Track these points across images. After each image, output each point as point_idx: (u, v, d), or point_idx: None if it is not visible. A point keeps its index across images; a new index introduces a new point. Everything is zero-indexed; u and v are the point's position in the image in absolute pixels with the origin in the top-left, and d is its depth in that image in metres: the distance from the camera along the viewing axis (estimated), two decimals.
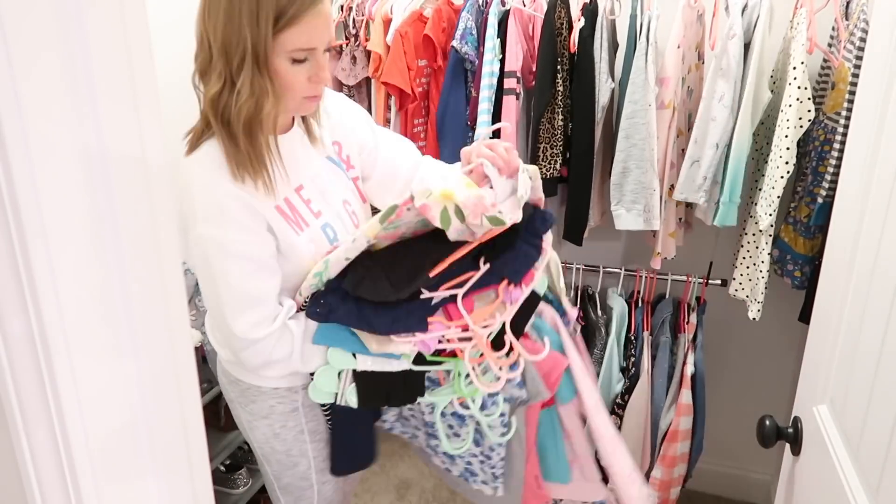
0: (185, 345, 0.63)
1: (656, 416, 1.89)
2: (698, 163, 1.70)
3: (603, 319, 1.98)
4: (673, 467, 1.90)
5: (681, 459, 1.90)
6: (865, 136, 0.94)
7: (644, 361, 1.91)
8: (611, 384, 1.95)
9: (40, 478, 0.53)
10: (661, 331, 1.93)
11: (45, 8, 0.47)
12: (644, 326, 1.97)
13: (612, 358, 1.94)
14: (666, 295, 2.02)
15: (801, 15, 1.55)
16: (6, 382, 0.50)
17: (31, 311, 0.49)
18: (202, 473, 0.67)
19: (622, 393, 1.94)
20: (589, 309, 2.04)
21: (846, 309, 0.97)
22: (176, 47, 1.87)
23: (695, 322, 1.93)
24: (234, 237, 1.08)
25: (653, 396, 1.90)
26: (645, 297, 2.04)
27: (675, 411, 1.86)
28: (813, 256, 1.73)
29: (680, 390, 1.86)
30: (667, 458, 1.89)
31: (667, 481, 1.91)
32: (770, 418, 1.09)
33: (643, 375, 1.90)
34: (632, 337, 1.98)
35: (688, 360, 1.87)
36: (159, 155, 0.55)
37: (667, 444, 1.88)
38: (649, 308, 2.02)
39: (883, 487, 0.78)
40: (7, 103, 0.45)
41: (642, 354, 1.92)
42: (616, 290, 2.06)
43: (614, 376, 1.95)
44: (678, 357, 1.90)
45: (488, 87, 1.84)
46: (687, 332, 1.92)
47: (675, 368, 1.90)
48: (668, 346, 1.91)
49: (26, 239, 0.48)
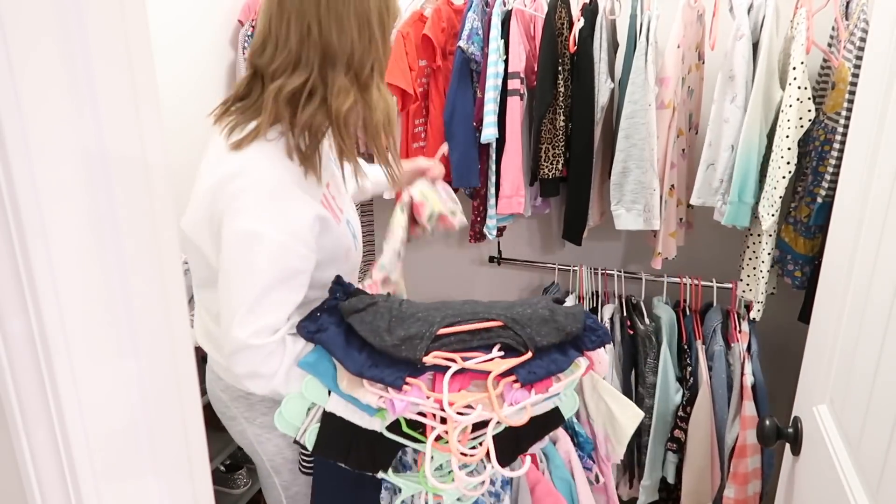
0: (185, 345, 0.63)
1: (721, 429, 1.82)
2: (714, 166, 1.69)
3: (651, 328, 1.92)
4: (746, 485, 1.80)
5: (753, 476, 1.80)
6: (865, 136, 0.94)
7: (702, 371, 1.84)
8: (668, 395, 1.89)
9: (40, 478, 0.53)
10: (714, 340, 1.86)
11: (46, 8, 0.47)
12: (695, 335, 1.91)
13: (668, 368, 1.88)
14: (714, 303, 1.97)
15: (801, 15, 1.55)
16: (6, 382, 0.50)
17: (31, 311, 0.49)
18: (202, 473, 0.67)
19: (683, 405, 1.88)
20: (635, 318, 1.99)
21: (846, 309, 0.96)
22: (176, 47, 1.87)
23: (747, 331, 1.87)
24: (283, 240, 1.04)
25: (715, 408, 1.83)
26: (692, 305, 1.99)
27: (741, 424, 1.79)
28: (813, 256, 1.73)
29: (742, 402, 1.79)
30: (738, 475, 1.79)
31: (742, 500, 1.81)
32: (770, 418, 1.09)
33: (703, 386, 1.83)
34: (684, 346, 1.92)
35: (746, 371, 1.80)
36: (159, 155, 0.55)
37: (736, 460, 1.79)
38: (698, 317, 1.97)
39: (883, 487, 0.77)
40: (7, 103, 0.45)
41: (699, 364, 1.86)
42: (661, 299, 2.02)
43: (671, 386, 1.89)
44: (735, 367, 1.84)
45: (493, 88, 1.84)
46: (740, 341, 1.86)
47: (732, 379, 1.84)
48: (723, 356, 1.84)
49: (26, 239, 0.48)
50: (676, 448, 1.89)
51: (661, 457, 1.93)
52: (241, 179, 1.03)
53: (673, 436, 1.89)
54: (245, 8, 2.05)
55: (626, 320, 1.98)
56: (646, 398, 1.91)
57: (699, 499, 1.87)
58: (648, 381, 1.90)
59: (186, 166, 1.91)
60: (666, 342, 1.88)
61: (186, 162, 1.93)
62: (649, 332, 1.91)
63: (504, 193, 1.91)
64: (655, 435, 1.89)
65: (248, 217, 1.02)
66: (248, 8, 2.04)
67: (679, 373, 1.91)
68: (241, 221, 1.02)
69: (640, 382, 1.93)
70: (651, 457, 1.91)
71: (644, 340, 1.91)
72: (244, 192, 1.03)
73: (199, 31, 1.94)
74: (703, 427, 1.82)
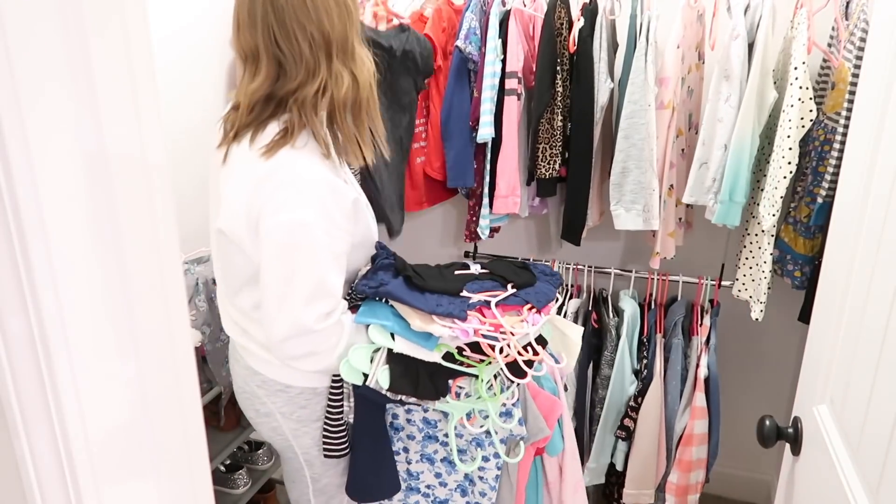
0: (185, 345, 0.63)
1: (670, 419, 1.87)
2: (707, 165, 1.69)
3: (615, 322, 1.96)
4: (689, 472, 1.87)
5: (697, 465, 1.86)
6: (865, 136, 0.94)
7: (657, 364, 1.88)
8: (623, 386, 1.93)
9: (40, 478, 0.53)
10: (674, 333, 1.90)
11: (46, 7, 0.47)
12: (657, 328, 1.94)
13: (624, 360, 1.92)
14: (678, 297, 2.00)
15: (801, 15, 1.55)
16: (6, 382, 0.50)
17: (31, 310, 0.49)
18: (202, 473, 0.67)
19: (635, 395, 1.91)
20: (602, 311, 2.02)
21: (846, 309, 0.96)
22: (176, 48, 1.87)
23: (708, 324, 1.90)
24: (328, 228, 1.12)
25: (666, 399, 1.87)
26: (658, 299, 2.02)
27: (690, 414, 1.84)
28: (813, 256, 1.73)
29: (694, 393, 1.84)
30: (683, 462, 1.85)
31: (683, 486, 1.88)
32: (770, 418, 1.09)
33: (656, 378, 1.87)
34: (644, 339, 1.96)
35: (701, 363, 1.84)
36: (159, 155, 0.55)
37: (682, 447, 1.85)
38: (662, 310, 1.99)
39: (883, 487, 0.78)
40: (7, 103, 0.45)
41: (655, 357, 1.90)
42: (628, 293, 2.04)
43: (627, 378, 1.93)
44: (691, 360, 1.88)
45: (490, 88, 1.84)
46: (700, 334, 1.90)
47: (688, 371, 1.88)
48: (681, 349, 1.88)
49: (26, 239, 0.48)
50: (626, 436, 1.95)
51: (609, 443, 1.99)
52: (277, 175, 1.10)
53: (623, 424, 1.95)
54: None
55: (591, 313, 2.02)
56: (600, 389, 1.97)
57: (643, 484, 1.94)
58: (604, 373, 1.95)
59: (186, 166, 1.92)
60: (626, 335, 1.92)
61: (186, 162, 1.94)
62: (612, 325, 1.96)
63: (500, 193, 1.90)
64: (605, 423, 1.95)
65: (291, 208, 1.09)
66: None
67: (636, 365, 1.95)
68: (285, 213, 1.09)
69: (597, 374, 1.98)
70: (598, 442, 1.97)
71: (607, 333, 1.96)
72: (284, 186, 1.10)
73: (198, 32, 1.94)
74: (652, 416, 1.88)
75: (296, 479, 1.40)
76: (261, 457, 2.03)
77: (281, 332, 1.13)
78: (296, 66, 1.12)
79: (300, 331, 1.13)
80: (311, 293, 1.12)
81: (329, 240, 1.13)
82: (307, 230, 1.10)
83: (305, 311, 1.12)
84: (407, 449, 1.38)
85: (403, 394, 1.23)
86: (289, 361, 1.20)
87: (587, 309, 2.04)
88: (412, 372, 1.22)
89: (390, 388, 1.21)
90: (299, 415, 1.30)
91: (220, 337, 1.70)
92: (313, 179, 1.11)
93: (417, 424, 1.34)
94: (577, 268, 2.09)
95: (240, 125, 1.15)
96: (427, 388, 1.22)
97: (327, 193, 1.12)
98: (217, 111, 2.04)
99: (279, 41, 1.11)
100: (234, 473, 1.92)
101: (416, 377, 1.22)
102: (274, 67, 1.12)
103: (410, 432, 1.36)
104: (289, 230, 1.09)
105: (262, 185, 1.10)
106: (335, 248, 1.15)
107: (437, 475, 1.39)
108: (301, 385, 1.28)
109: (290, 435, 1.32)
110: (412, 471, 1.39)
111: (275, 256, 1.12)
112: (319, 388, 1.29)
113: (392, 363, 1.22)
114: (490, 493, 1.36)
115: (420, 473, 1.39)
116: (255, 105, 1.14)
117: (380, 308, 1.26)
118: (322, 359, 1.19)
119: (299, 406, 1.30)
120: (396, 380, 1.21)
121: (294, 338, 1.14)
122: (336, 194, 1.14)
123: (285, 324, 1.12)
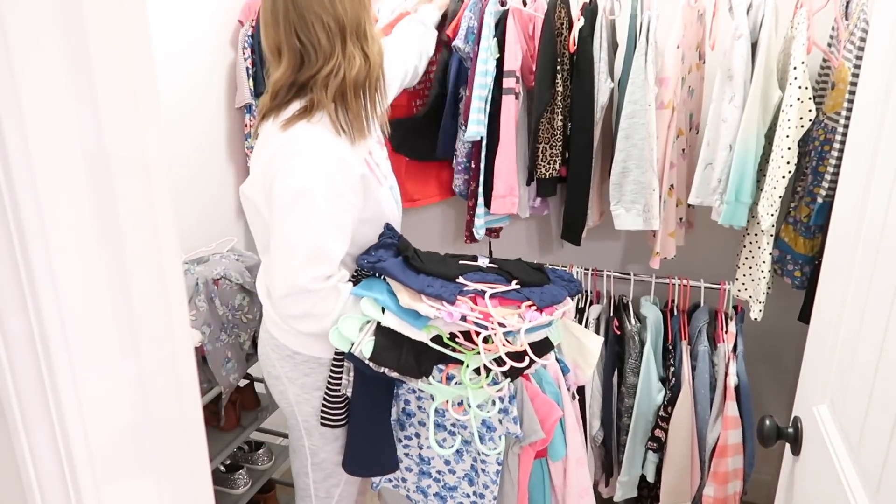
0: (185, 345, 0.63)
1: (702, 429, 1.81)
2: (712, 165, 1.69)
3: (637, 328, 1.92)
4: (726, 484, 1.79)
5: (734, 476, 1.80)
6: (865, 136, 0.94)
7: (684, 372, 1.83)
8: (651, 395, 1.88)
9: (40, 478, 0.53)
10: (699, 340, 1.84)
11: (46, 8, 0.47)
12: (681, 335, 1.90)
13: (650, 368, 1.87)
14: (701, 303, 1.95)
15: (801, 15, 1.55)
16: (6, 382, 0.50)
17: (31, 311, 0.49)
18: (202, 473, 0.67)
19: (664, 405, 1.86)
20: (623, 317, 1.97)
21: (846, 309, 0.96)
22: (176, 48, 1.87)
23: (734, 331, 1.85)
24: (330, 196, 1.22)
25: (696, 409, 1.82)
26: (680, 305, 1.97)
27: (722, 424, 1.78)
28: (813, 256, 1.73)
29: (724, 402, 1.78)
30: (718, 474, 1.79)
31: (721, 499, 1.80)
32: (770, 418, 1.09)
33: (685, 386, 1.81)
34: (669, 346, 1.91)
35: (730, 371, 1.78)
36: (159, 155, 0.55)
37: (717, 459, 1.78)
38: (685, 317, 1.95)
39: (883, 487, 0.78)
40: (7, 103, 0.45)
41: (682, 365, 1.84)
42: (649, 299, 2.00)
43: (654, 387, 1.88)
44: (719, 367, 1.83)
45: (481, 87, 1.83)
46: (726, 341, 1.84)
47: (716, 379, 1.82)
48: (707, 356, 1.82)
49: (26, 239, 0.48)
50: (657, 447, 1.90)
51: (640, 455, 1.94)
52: (291, 145, 1.21)
53: (654, 435, 1.90)
54: (245, 8, 2.05)
55: (613, 320, 1.98)
56: (626, 398, 1.92)
57: (678, 497, 1.89)
58: (629, 381, 1.91)
59: (186, 166, 1.92)
60: (650, 342, 1.88)
61: (186, 162, 1.94)
62: (634, 332, 1.92)
63: (497, 193, 1.90)
64: (635, 433, 1.90)
65: (299, 176, 1.20)
66: (248, 8, 2.04)
67: (663, 373, 1.91)
68: (292, 180, 1.20)
69: (622, 382, 1.94)
70: (629, 454, 1.92)
71: (629, 340, 1.92)
72: (295, 156, 1.21)
73: (198, 32, 1.95)
74: (683, 427, 1.84)
75: (297, 448, 1.49)
76: (261, 457, 2.03)
77: (280, 290, 1.24)
78: (315, 53, 1.23)
79: (296, 289, 1.23)
80: (309, 255, 1.22)
81: (330, 208, 1.22)
82: (309, 196, 1.20)
83: (302, 271, 1.22)
84: (419, 434, 1.44)
85: (385, 366, 1.26)
86: (288, 320, 1.30)
87: (608, 315, 2.00)
88: (398, 347, 1.25)
89: (372, 359, 1.25)
90: (303, 382, 1.39)
91: (219, 337, 1.70)
92: (322, 151, 1.22)
93: (427, 412, 1.37)
94: (596, 273, 2.04)
95: (266, 109, 1.29)
96: (410, 366, 1.25)
97: (335, 165, 1.23)
98: (217, 112, 2.05)
99: (299, 33, 1.22)
100: (234, 473, 1.92)
101: (401, 353, 1.25)
102: (295, 58, 1.24)
103: (422, 419, 1.41)
104: (294, 195, 1.20)
105: (277, 154, 1.22)
106: (337, 217, 1.24)
107: (446, 462, 1.44)
108: (307, 353, 1.37)
109: (293, 400, 1.42)
110: (424, 456, 1.45)
111: (282, 218, 1.23)
112: (324, 359, 1.37)
113: (379, 335, 1.26)
114: (491, 486, 1.40)
115: (431, 459, 1.45)
116: (279, 91, 1.27)
117: (377, 284, 1.31)
118: (317, 321, 1.27)
119: (304, 374, 1.39)
120: (379, 352, 1.24)
121: (291, 296, 1.24)
122: (344, 167, 1.24)
123: (285, 282, 1.23)
